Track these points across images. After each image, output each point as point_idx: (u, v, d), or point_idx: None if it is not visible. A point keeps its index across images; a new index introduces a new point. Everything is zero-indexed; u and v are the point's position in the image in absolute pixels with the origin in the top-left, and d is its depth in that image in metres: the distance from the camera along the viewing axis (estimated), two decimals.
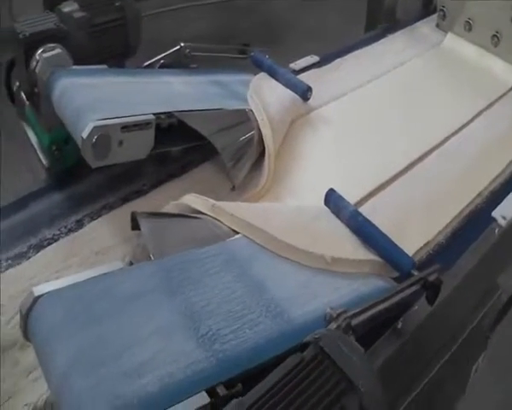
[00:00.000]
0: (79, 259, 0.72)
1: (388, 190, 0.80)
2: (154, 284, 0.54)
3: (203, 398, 0.44)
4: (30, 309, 0.49)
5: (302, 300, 0.56)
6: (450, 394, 0.86)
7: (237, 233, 0.63)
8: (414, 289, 0.60)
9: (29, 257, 0.72)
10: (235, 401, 0.38)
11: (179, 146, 0.77)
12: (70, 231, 0.76)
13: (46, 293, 0.50)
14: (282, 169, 0.79)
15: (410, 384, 0.69)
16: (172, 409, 0.42)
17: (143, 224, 0.59)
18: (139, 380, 0.44)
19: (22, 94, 0.89)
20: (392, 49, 1.12)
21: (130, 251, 0.71)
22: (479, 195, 0.81)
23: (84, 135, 0.65)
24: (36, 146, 0.88)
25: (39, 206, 0.81)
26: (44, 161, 0.85)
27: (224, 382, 0.45)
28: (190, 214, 0.64)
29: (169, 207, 0.65)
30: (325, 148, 0.85)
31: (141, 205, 0.77)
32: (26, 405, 0.57)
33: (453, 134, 0.91)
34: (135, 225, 0.64)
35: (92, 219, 0.77)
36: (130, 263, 0.55)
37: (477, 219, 0.78)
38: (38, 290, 0.50)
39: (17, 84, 0.90)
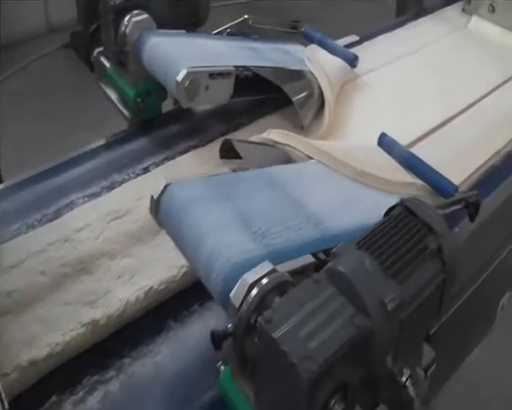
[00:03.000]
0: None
1: (423, 144, 0.91)
2: (207, 194, 0.61)
3: (309, 258, 0.54)
4: (161, 195, 0.60)
5: (339, 214, 0.63)
6: (478, 324, 0.98)
7: (309, 159, 0.75)
8: (457, 207, 0.72)
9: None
10: (345, 242, 0.49)
11: (252, 97, 0.90)
12: (137, 175, 0.85)
13: (172, 182, 0.61)
14: (337, 123, 0.92)
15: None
16: (284, 263, 0.52)
17: (240, 148, 0.70)
18: (213, 264, 0.53)
19: (102, 59, 1.02)
20: (422, 30, 1.24)
21: None
22: (497, 153, 0.91)
23: (179, 79, 0.77)
24: (116, 101, 1.01)
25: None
26: (127, 113, 0.98)
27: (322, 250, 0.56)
28: (268, 143, 0.76)
29: (253, 139, 0.77)
30: (371, 106, 0.97)
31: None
32: (120, 300, 0.66)
33: (477, 101, 1.02)
34: (224, 154, 0.76)
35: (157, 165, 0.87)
36: (234, 170, 0.67)
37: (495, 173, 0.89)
38: (167, 180, 0.61)
39: (97, 51, 1.03)
